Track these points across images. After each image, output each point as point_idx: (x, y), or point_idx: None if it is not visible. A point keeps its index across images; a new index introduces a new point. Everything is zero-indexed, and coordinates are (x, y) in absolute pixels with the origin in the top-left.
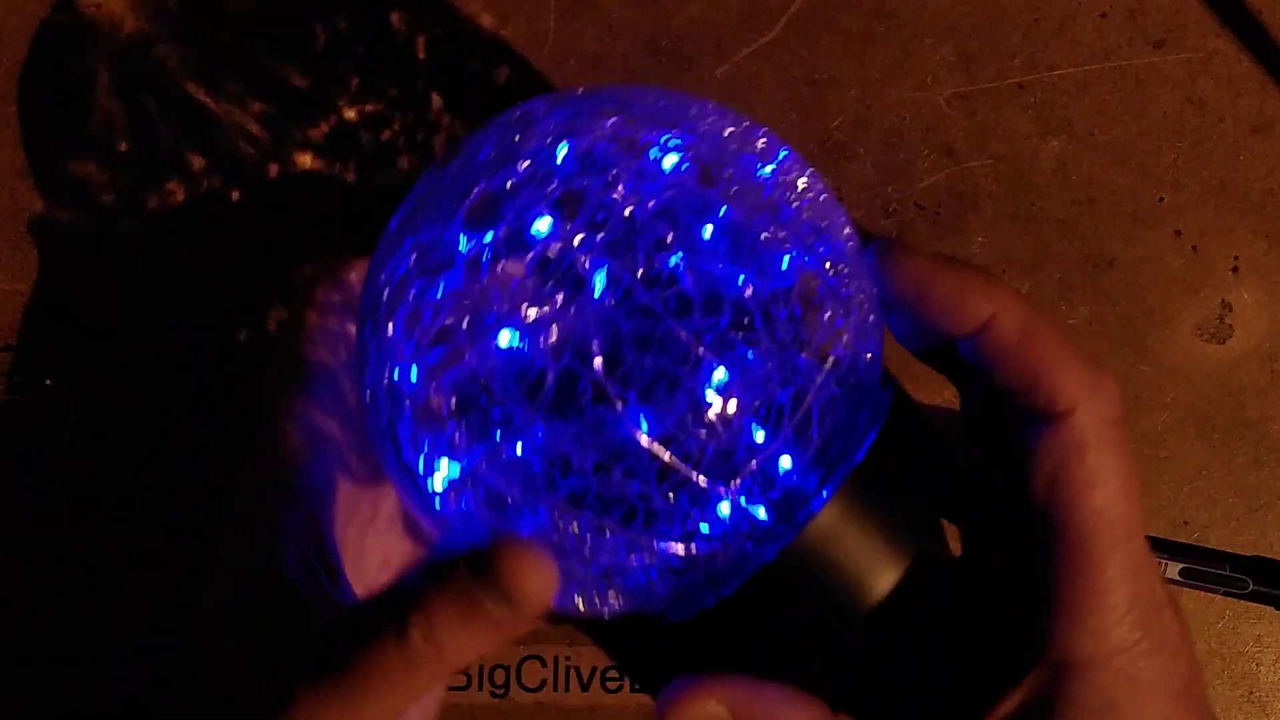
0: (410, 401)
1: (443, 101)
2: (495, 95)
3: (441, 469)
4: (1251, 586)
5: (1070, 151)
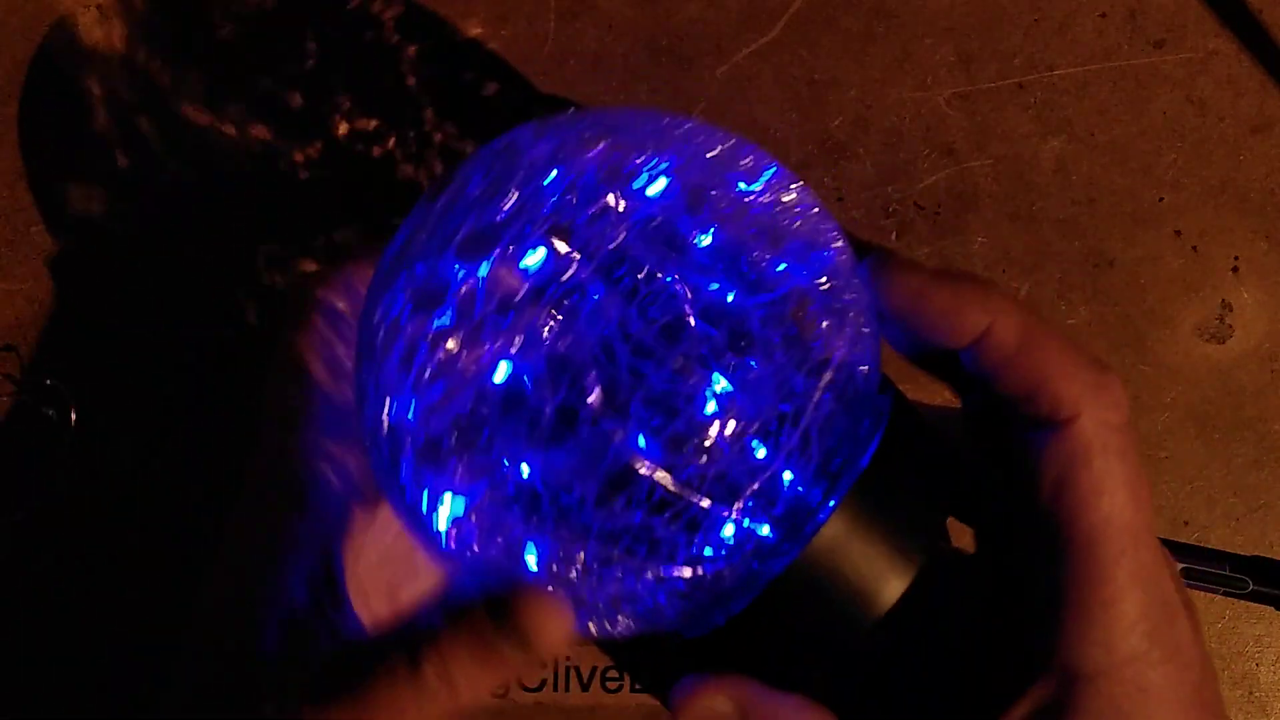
0: (410, 440)
1: (443, 103)
2: (495, 96)
3: (445, 506)
4: (1251, 586)
5: (1070, 151)
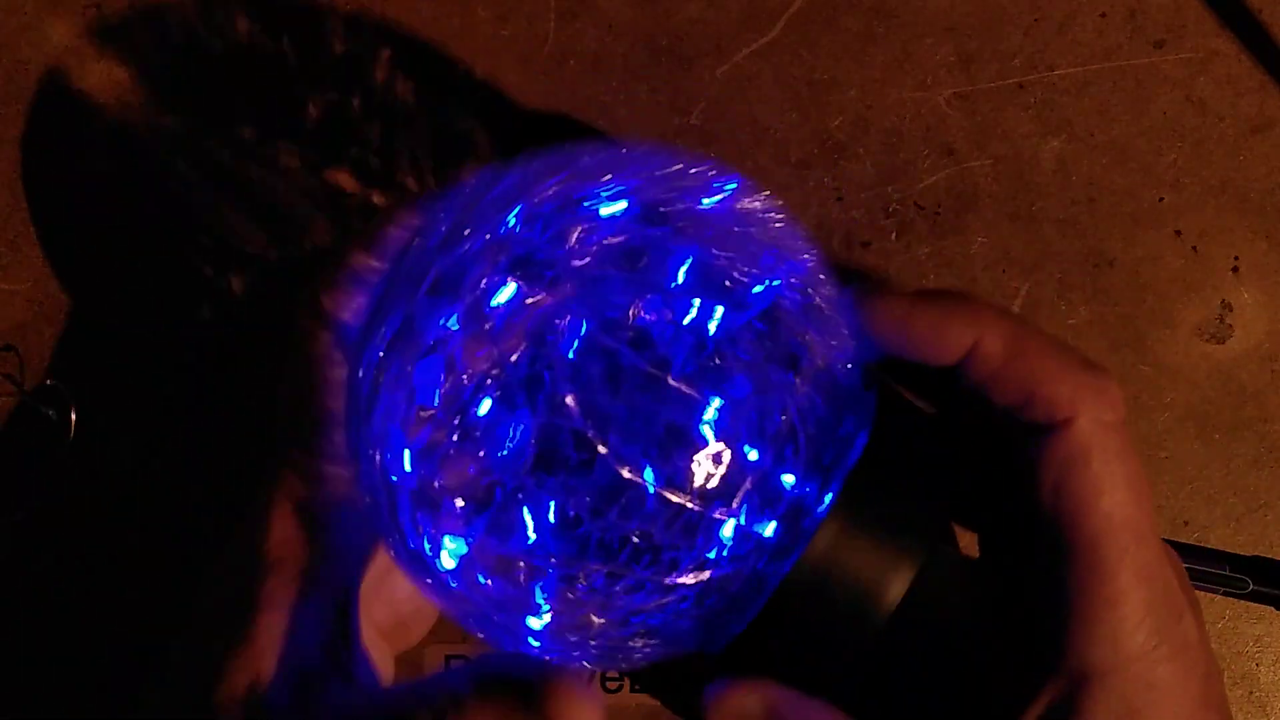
0: (405, 488)
1: (443, 103)
2: (495, 97)
3: (447, 548)
4: (1251, 586)
5: (1070, 151)
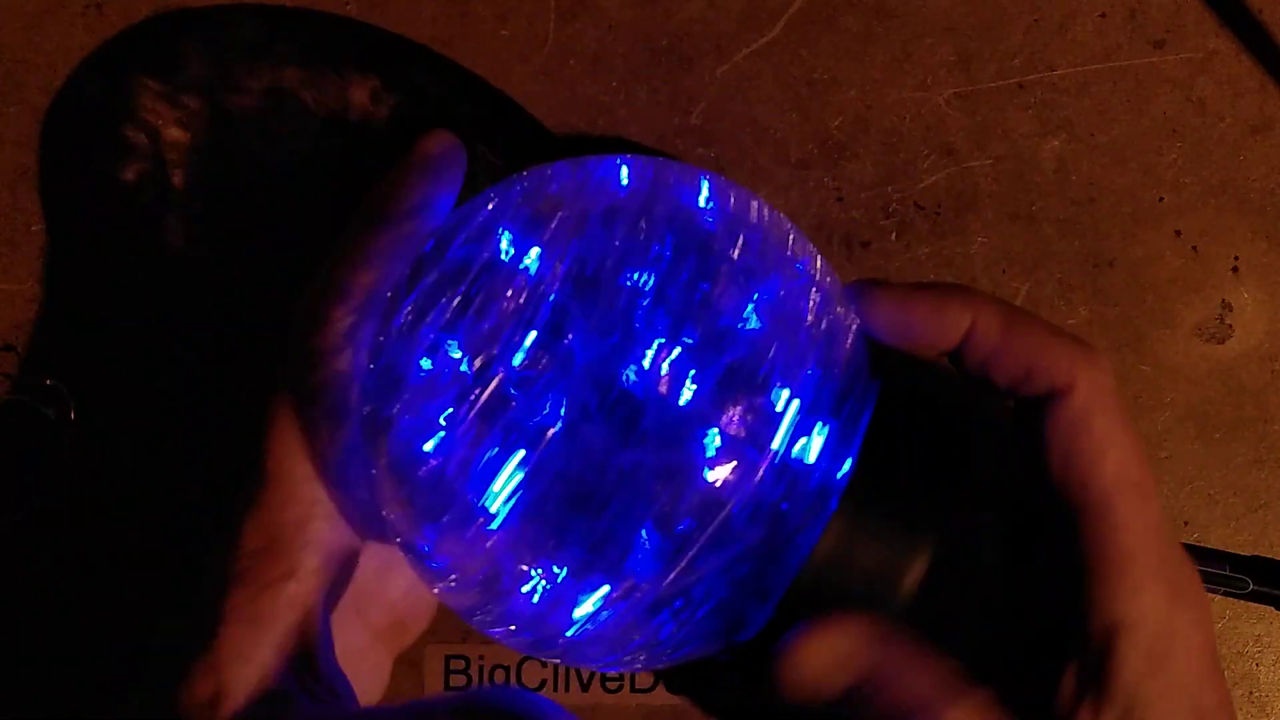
0: (425, 503)
1: (443, 107)
2: (495, 97)
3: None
4: (1251, 586)
5: (1070, 151)
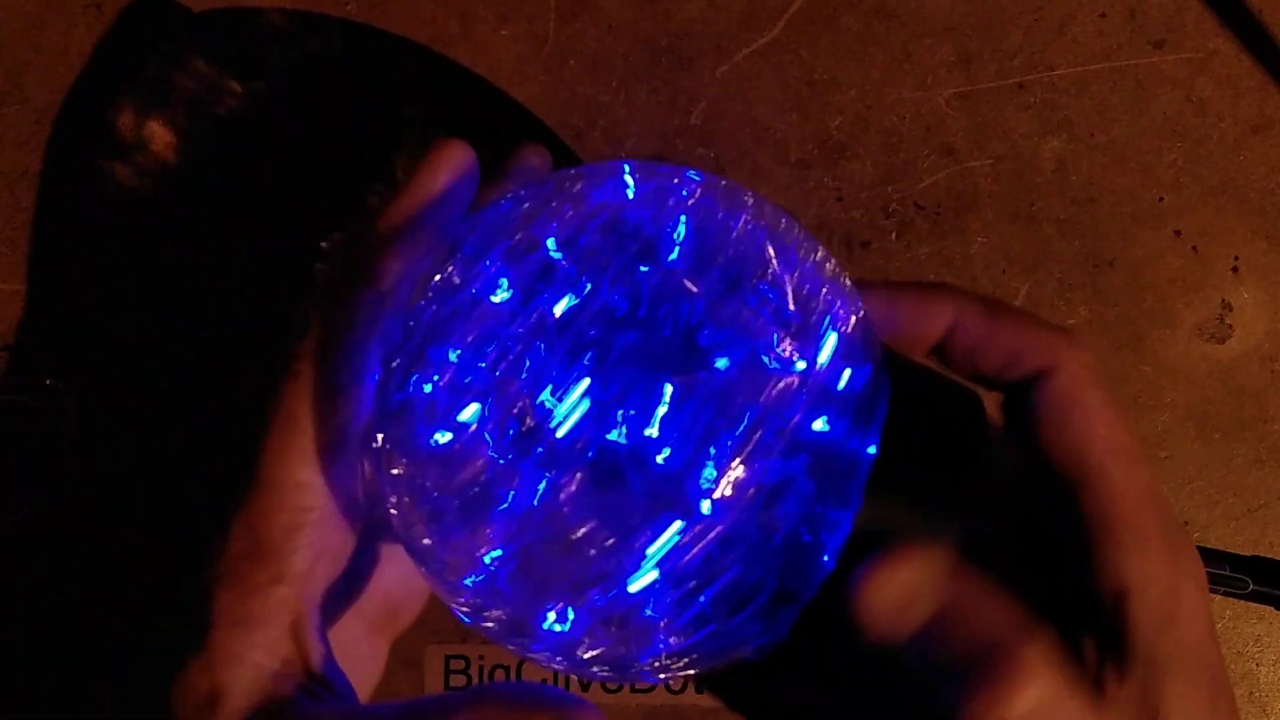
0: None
1: (442, 105)
2: (496, 97)
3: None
4: (1251, 586)
5: (1070, 151)
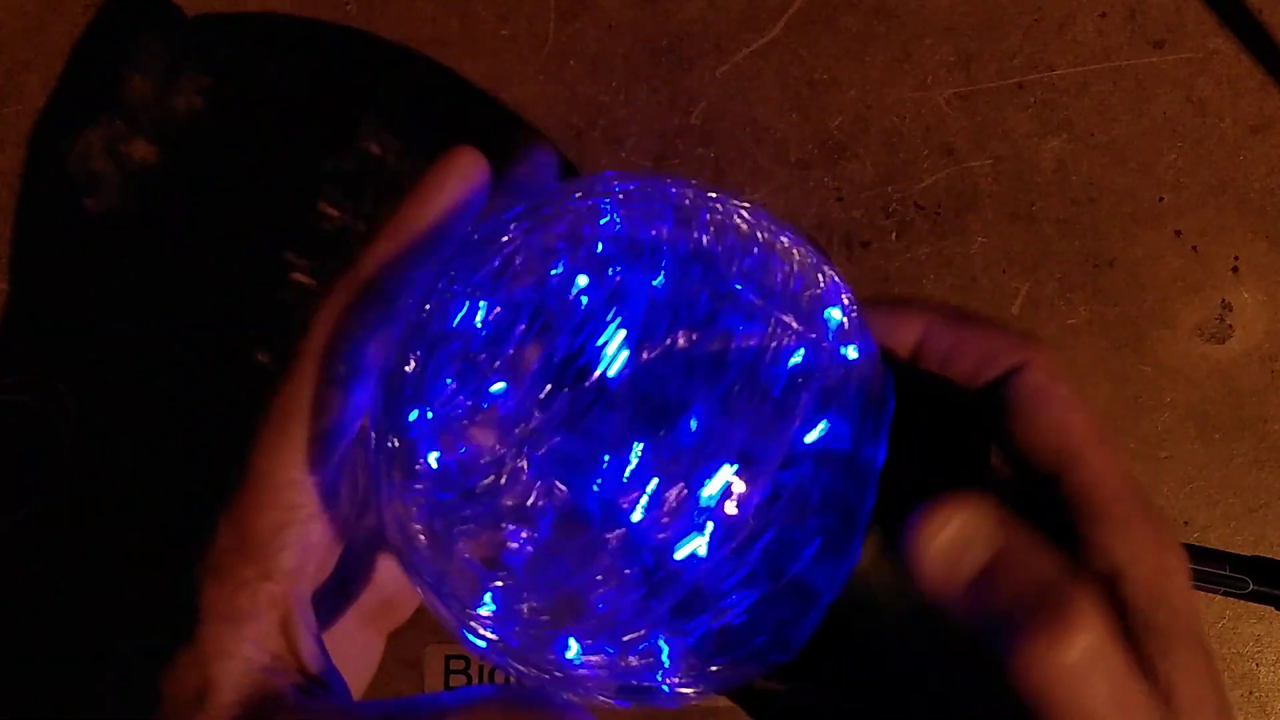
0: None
1: (444, 104)
2: (496, 97)
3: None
4: (1251, 586)
5: (1070, 151)
